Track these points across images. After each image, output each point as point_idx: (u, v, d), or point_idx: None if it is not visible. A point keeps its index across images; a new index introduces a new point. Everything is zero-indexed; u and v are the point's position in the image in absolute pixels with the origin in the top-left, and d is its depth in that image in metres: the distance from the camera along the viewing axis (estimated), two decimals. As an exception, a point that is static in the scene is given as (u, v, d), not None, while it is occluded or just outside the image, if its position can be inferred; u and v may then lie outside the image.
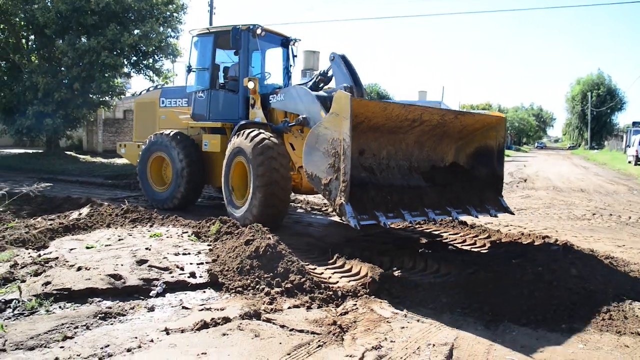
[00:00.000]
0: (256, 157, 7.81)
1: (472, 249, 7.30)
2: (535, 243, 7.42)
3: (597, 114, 77.08)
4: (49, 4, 20.16)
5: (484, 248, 7.37)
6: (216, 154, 9.67)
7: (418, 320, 4.59)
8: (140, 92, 13.08)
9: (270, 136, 8.12)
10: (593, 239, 8.54)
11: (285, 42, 10.63)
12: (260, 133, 8.11)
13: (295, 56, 10.81)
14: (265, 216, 7.76)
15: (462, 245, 7.60)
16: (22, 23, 21.61)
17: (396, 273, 5.92)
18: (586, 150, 68.81)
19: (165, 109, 11.23)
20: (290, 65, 10.80)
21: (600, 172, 27.71)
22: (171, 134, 10.06)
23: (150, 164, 10.42)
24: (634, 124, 49.38)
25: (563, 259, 5.97)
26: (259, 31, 9.49)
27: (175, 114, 10.83)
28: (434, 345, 4.03)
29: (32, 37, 23.12)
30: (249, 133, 8.19)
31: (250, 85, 9.08)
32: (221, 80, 10.35)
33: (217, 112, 9.87)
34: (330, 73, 8.73)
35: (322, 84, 8.93)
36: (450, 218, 7.14)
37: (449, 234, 8.35)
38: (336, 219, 9.54)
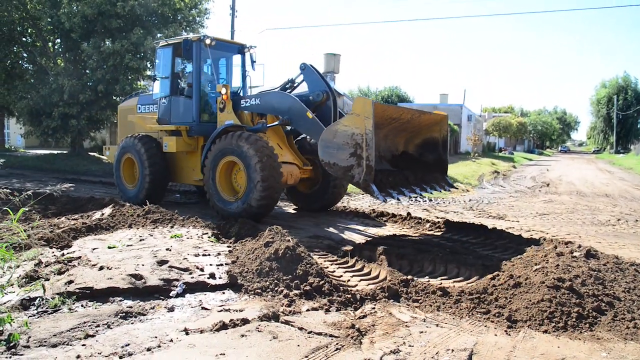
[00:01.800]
0: (255, 156, 8.76)
1: (493, 254, 7.22)
2: (558, 249, 7.29)
3: (623, 117, 75.59)
4: (75, 8, 20.54)
5: (505, 253, 7.28)
6: (175, 153, 10.88)
7: (437, 325, 4.55)
8: (124, 99, 14.06)
9: (261, 137, 9.19)
10: (618, 245, 8.37)
11: (241, 49, 11.62)
12: (254, 135, 9.10)
13: (254, 61, 11.60)
14: (264, 207, 9.01)
15: (482, 250, 7.51)
16: (49, 27, 22.06)
17: (415, 277, 5.89)
18: (611, 154, 67.49)
19: (140, 114, 12.08)
20: (246, 71, 11.74)
21: (626, 176, 27.15)
22: (137, 137, 11.05)
23: (122, 164, 11.45)
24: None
25: (586, 265, 5.86)
26: (208, 41, 10.37)
27: (144, 119, 11.72)
28: (453, 350, 3.99)
29: (58, 40, 23.59)
30: (242, 135, 9.07)
31: (223, 91, 10.01)
32: (182, 87, 11.21)
33: (177, 116, 10.89)
34: (298, 80, 10.05)
35: (289, 90, 10.12)
36: (428, 194, 9.19)
37: (469, 238, 8.27)
38: (358, 226, 9.51)
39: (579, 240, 8.39)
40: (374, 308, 4.91)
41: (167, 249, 6.36)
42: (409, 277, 5.73)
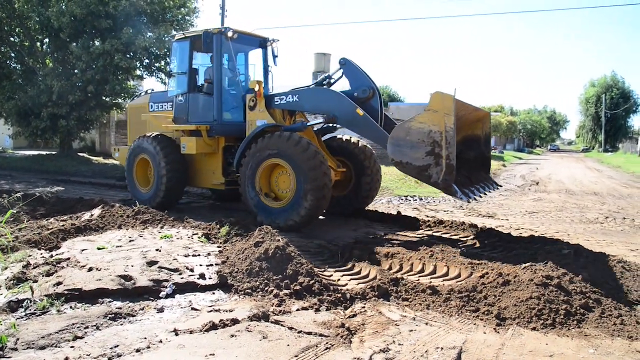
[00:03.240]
0: (306, 161, 8.05)
1: (482, 252, 7.26)
2: (547, 246, 7.35)
3: (611, 116, 76.29)
4: (63, 7, 20.36)
5: (494, 251, 7.32)
6: (193, 155, 10.05)
7: (427, 323, 4.57)
8: (133, 98, 13.26)
9: (310, 141, 8.49)
10: (606, 242, 8.45)
11: (263, 42, 10.81)
12: (303, 138, 8.33)
13: (276, 56, 10.85)
14: (314, 217, 8.33)
15: (471, 248, 7.55)
16: (37, 26, 21.86)
17: (405, 276, 5.91)
18: (600, 152, 68.07)
19: (153, 113, 11.52)
20: (269, 66, 10.90)
21: (614, 175, 27.40)
22: (153, 137, 10.36)
23: (135, 166, 10.77)
24: (649, 126, 48.73)
25: (574, 263, 5.91)
26: (230, 34, 9.62)
27: (159, 118, 11.07)
28: (442, 348, 4.02)
29: (47, 40, 23.38)
30: (290, 137, 8.28)
31: (256, 87, 9.24)
32: (200, 83, 10.53)
33: (195, 115, 10.11)
34: (336, 77, 9.33)
35: (325, 86, 9.40)
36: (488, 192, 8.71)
37: (459, 237, 8.31)
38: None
39: (567, 238, 8.46)
40: (363, 307, 4.93)
41: (156, 250, 6.34)
42: (399, 275, 5.76)
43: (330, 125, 9.50)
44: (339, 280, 5.92)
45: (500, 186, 9.47)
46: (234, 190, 10.05)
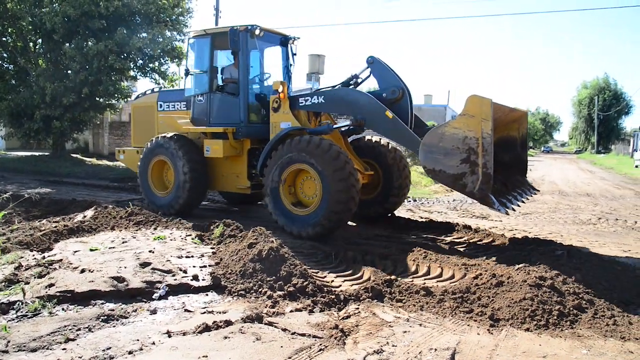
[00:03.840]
0: (331, 165, 7.70)
1: (476, 253, 7.27)
2: (540, 247, 7.38)
3: (604, 118, 76.69)
4: (56, 7, 20.25)
5: (487, 252, 7.34)
6: (219, 159, 9.61)
7: (420, 325, 4.57)
8: (137, 96, 12.45)
9: (335, 144, 8.10)
10: (598, 243, 8.48)
11: (284, 40, 10.39)
12: (326, 140, 8.00)
13: (295, 54, 10.50)
14: (342, 222, 8.02)
15: (465, 249, 7.57)
16: (30, 27, 21.73)
17: (399, 277, 5.91)
18: (593, 154, 68.43)
19: (163, 112, 11.02)
20: (290, 65, 10.51)
21: (606, 176, 27.55)
22: (173, 138, 9.86)
23: (151, 168, 10.22)
24: (642, 128, 49.06)
25: (567, 264, 5.94)
26: (257, 32, 9.29)
27: (174, 118, 10.54)
28: (436, 349, 4.02)
29: (40, 41, 23.26)
30: (315, 142, 7.93)
31: (280, 88, 8.85)
32: (219, 83, 9.99)
33: (218, 116, 9.68)
34: (363, 76, 8.90)
35: (352, 87, 8.96)
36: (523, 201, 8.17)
37: (452, 238, 8.32)
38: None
39: (560, 239, 8.49)
40: (357, 308, 4.92)
41: (150, 251, 6.31)
42: (393, 277, 5.76)
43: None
44: (332, 281, 5.91)
45: (538, 190, 9.02)
46: (249, 194, 9.84)
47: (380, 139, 9.83)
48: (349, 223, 9.47)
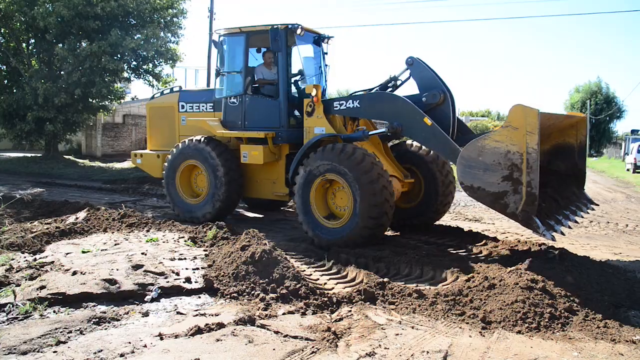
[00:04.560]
0: (363, 175, 7.29)
1: (469, 256, 7.30)
2: (532, 250, 7.41)
3: (595, 121, 77.22)
4: (50, 8, 20.15)
5: (480, 255, 7.37)
6: (255, 165, 9.13)
7: (413, 327, 4.59)
8: (153, 96, 11.81)
9: (367, 151, 7.69)
10: (590, 246, 8.53)
11: (318, 39, 9.80)
12: (359, 149, 7.61)
13: (326, 53, 9.92)
14: (375, 237, 7.53)
15: (458, 252, 7.59)
16: (23, 27, 21.64)
17: (392, 280, 5.92)
18: (585, 157, 68.74)
19: (186, 114, 10.48)
20: (326, 65, 9.93)
21: (598, 179, 27.71)
22: (207, 141, 9.34)
23: (179, 173, 9.66)
24: (633, 131, 49.45)
25: (559, 267, 5.96)
26: (299, 31, 8.79)
27: (205, 120, 9.77)
28: (428, 352, 4.03)
29: (32, 41, 23.15)
30: (346, 150, 7.54)
31: (313, 92, 8.40)
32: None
33: (254, 120, 9.14)
34: (403, 78, 8.43)
35: (390, 90, 8.53)
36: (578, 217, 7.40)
37: (445, 241, 8.34)
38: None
39: (552, 241, 8.51)
40: (350, 311, 4.93)
41: (142, 253, 6.29)
42: (385, 279, 5.77)
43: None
44: (325, 284, 5.92)
45: (597, 205, 8.22)
46: (272, 200, 9.56)
47: None
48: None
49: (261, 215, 11.06)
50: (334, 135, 8.24)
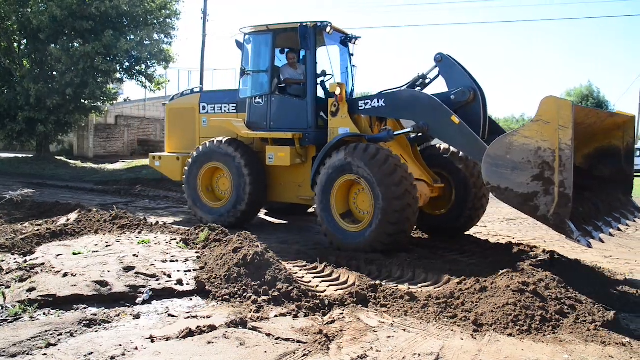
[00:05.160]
0: (385, 178, 7.02)
1: (461, 259, 7.32)
2: (523, 253, 7.45)
3: (587, 125, 77.77)
4: (42, 7, 20.05)
5: (472, 258, 7.39)
6: (280, 167, 8.91)
7: (404, 330, 4.59)
8: (172, 97, 11.55)
9: (391, 152, 7.42)
10: (580, 249, 8.55)
11: (344, 39, 9.59)
12: (383, 150, 7.34)
13: (352, 54, 9.76)
14: (398, 243, 7.27)
15: (450, 255, 7.62)
16: (15, 26, 21.52)
17: (384, 282, 5.93)
18: (577, 161, 69.21)
19: (207, 115, 10.27)
20: (354, 66, 9.75)
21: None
22: (230, 142, 9.13)
23: (201, 175, 9.44)
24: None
25: (550, 269, 6.00)
26: (328, 29, 8.55)
27: (230, 121, 9.50)
28: (419, 355, 4.03)
29: (25, 41, 23.03)
30: (367, 150, 7.30)
31: (337, 91, 8.18)
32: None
33: (280, 121, 8.92)
34: (431, 76, 8.18)
35: (419, 88, 8.26)
36: (623, 225, 6.77)
37: (437, 243, 8.37)
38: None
39: (544, 244, 8.58)
40: (342, 313, 4.93)
41: (134, 255, 6.26)
42: (378, 282, 5.78)
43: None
44: (317, 286, 5.92)
45: None
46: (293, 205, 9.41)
47: None
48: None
49: (285, 222, 10.63)
50: (357, 135, 8.00)
